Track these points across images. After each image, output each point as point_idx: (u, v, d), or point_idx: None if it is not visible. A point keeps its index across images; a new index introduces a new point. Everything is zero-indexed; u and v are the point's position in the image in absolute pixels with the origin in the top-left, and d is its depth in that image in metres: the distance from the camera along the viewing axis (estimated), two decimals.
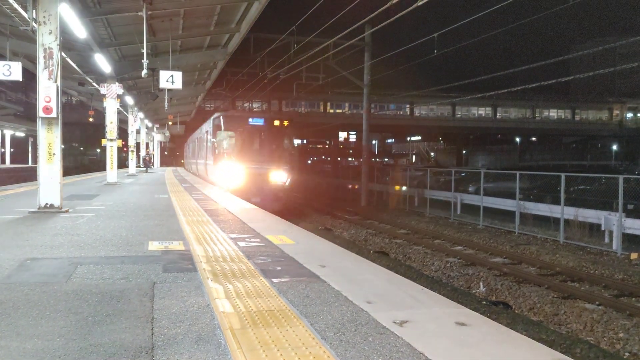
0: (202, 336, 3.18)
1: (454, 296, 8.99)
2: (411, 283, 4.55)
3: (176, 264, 5.28)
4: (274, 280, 4.63)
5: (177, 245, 6.36)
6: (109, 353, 2.89)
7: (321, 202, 27.63)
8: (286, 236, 7.08)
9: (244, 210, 10.66)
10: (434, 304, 3.92)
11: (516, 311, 9.29)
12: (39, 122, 9.81)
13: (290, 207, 20.93)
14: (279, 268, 5.12)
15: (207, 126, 25.49)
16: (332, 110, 61.44)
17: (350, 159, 65.39)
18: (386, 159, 73.90)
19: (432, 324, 3.42)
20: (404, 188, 26.66)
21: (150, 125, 49.60)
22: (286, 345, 3.02)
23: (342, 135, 73.46)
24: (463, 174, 26.40)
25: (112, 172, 20.68)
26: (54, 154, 9.89)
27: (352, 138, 74.79)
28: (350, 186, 34.19)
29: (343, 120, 56.17)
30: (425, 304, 3.91)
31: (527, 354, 2.92)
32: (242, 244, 6.50)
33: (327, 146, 72.66)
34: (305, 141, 73.01)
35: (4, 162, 50.33)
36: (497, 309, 8.78)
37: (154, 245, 6.34)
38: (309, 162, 64.35)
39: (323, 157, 69.66)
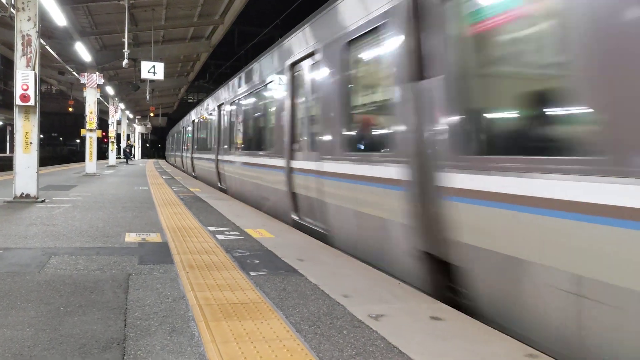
0: (176, 328, 3.15)
1: None
2: (389, 278, 4.56)
3: (153, 256, 5.23)
4: (251, 273, 4.60)
5: (154, 237, 6.30)
6: (79, 344, 2.84)
7: None
8: (266, 230, 7.05)
9: (225, 203, 10.60)
10: (410, 298, 3.93)
11: None
12: (15, 110, 9.64)
13: None
14: (257, 261, 5.10)
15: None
16: None
17: None
18: None
19: (408, 318, 3.43)
20: None
21: (131, 116, 49.16)
22: (260, 338, 3.01)
23: None
24: None
25: (91, 163, 20.43)
26: (30, 143, 9.74)
27: None
28: None
29: None
30: (402, 298, 3.92)
31: (499, 349, 2.94)
32: (220, 236, 6.46)
33: None
34: None
35: None
36: None
37: (131, 237, 6.27)
38: None
39: None
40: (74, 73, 21.81)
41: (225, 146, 13.86)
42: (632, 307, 2.58)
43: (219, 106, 15.20)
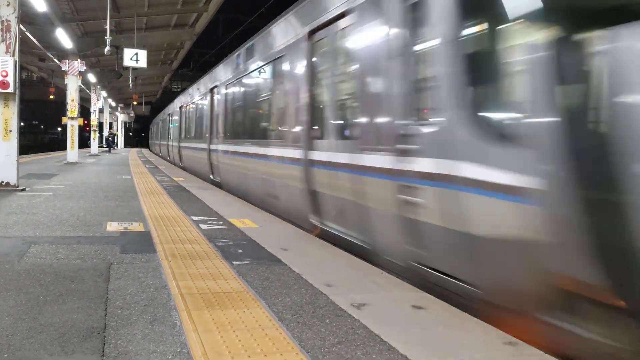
0: (157, 317, 3.13)
1: None
2: (372, 267, 4.58)
3: (135, 245, 5.19)
4: (234, 262, 4.59)
5: (137, 226, 6.25)
6: (59, 333, 2.81)
7: None
8: (250, 219, 7.03)
9: (209, 193, 10.55)
10: (393, 287, 3.95)
11: None
12: None
13: None
14: (240, 251, 5.09)
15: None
16: None
17: None
18: None
19: (390, 307, 3.45)
20: None
21: (114, 104, 48.60)
22: (242, 327, 3.01)
23: None
24: None
25: (72, 151, 20.18)
26: (10, 131, 9.59)
27: None
28: None
29: None
30: (385, 287, 3.95)
31: (479, 336, 2.98)
32: (204, 226, 6.43)
33: None
34: None
35: None
36: None
37: (113, 226, 6.22)
38: None
39: None
40: (55, 60, 21.48)
41: (220, 134, 12.33)
42: None
43: (212, 89, 13.75)
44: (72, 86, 20.06)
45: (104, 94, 35.70)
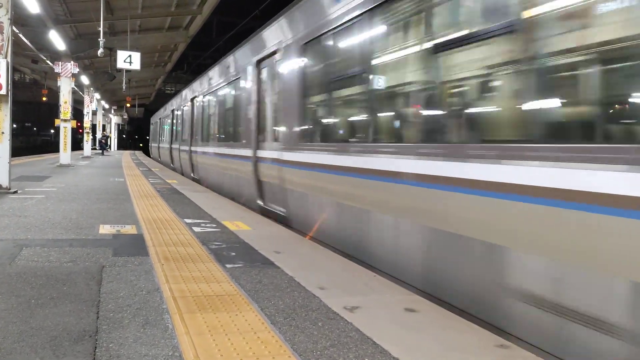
0: (149, 320, 3.12)
1: None
2: (365, 270, 4.59)
3: (127, 248, 5.17)
4: (227, 265, 4.59)
5: (129, 229, 6.23)
6: (51, 336, 2.80)
7: None
8: (243, 222, 7.02)
9: (202, 195, 10.53)
10: (385, 290, 3.96)
11: None
12: None
13: None
14: (233, 253, 5.08)
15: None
16: None
17: None
18: None
19: (382, 310, 3.46)
20: None
21: (107, 106, 48.39)
22: (235, 330, 3.00)
23: None
24: None
25: (65, 153, 20.08)
26: (2, 133, 9.54)
27: None
28: None
29: None
30: (377, 290, 3.95)
31: (471, 339, 2.99)
32: (197, 229, 6.42)
33: None
34: None
35: None
36: None
37: (105, 229, 6.19)
38: None
39: None
40: (48, 62, 21.37)
41: (288, 135, 7.36)
42: None
43: (259, 62, 8.52)
44: (65, 88, 19.96)
45: (97, 96, 35.57)
